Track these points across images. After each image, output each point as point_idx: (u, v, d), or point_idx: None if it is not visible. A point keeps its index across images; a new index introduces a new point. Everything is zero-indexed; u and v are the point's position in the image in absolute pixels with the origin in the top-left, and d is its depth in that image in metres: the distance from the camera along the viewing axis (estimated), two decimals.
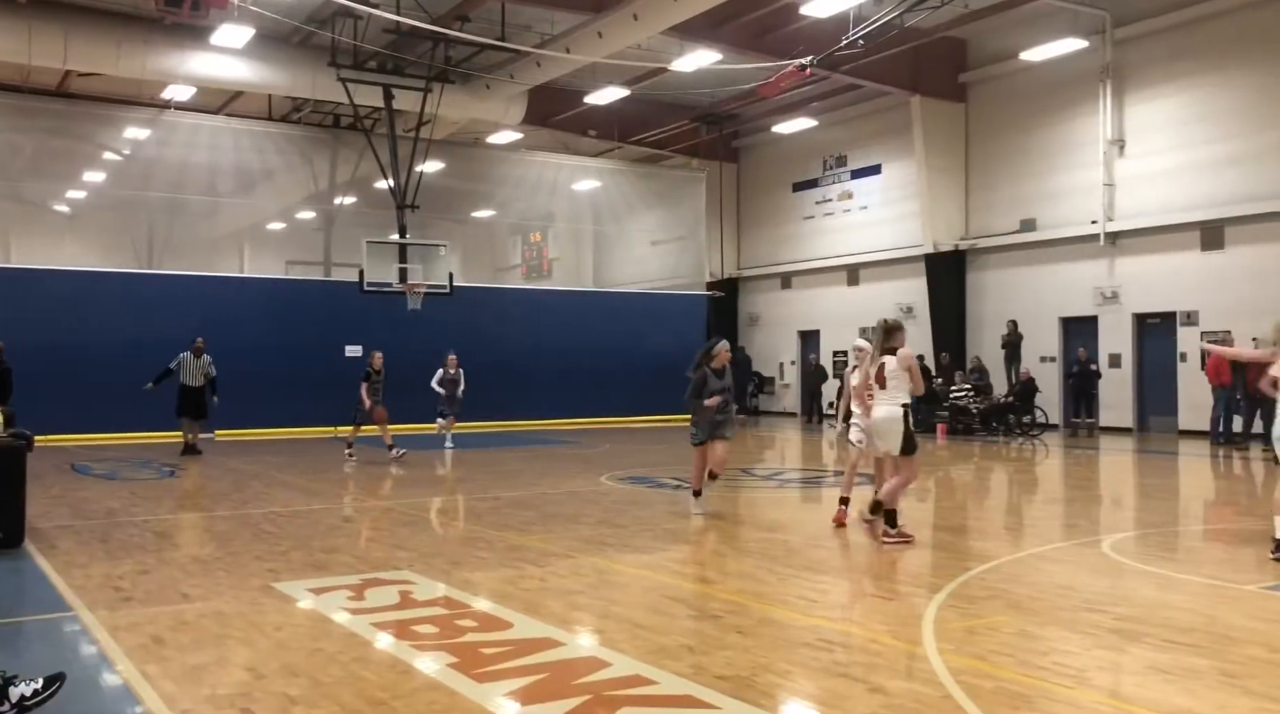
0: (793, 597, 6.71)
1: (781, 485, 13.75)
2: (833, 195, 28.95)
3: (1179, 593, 6.83)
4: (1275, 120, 18.87)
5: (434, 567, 7.62)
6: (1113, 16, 21.39)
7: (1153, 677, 4.94)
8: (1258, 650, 5.28)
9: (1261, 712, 4.37)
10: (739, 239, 32.31)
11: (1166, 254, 20.95)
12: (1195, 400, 19.85)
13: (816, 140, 28.80)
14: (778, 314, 30.81)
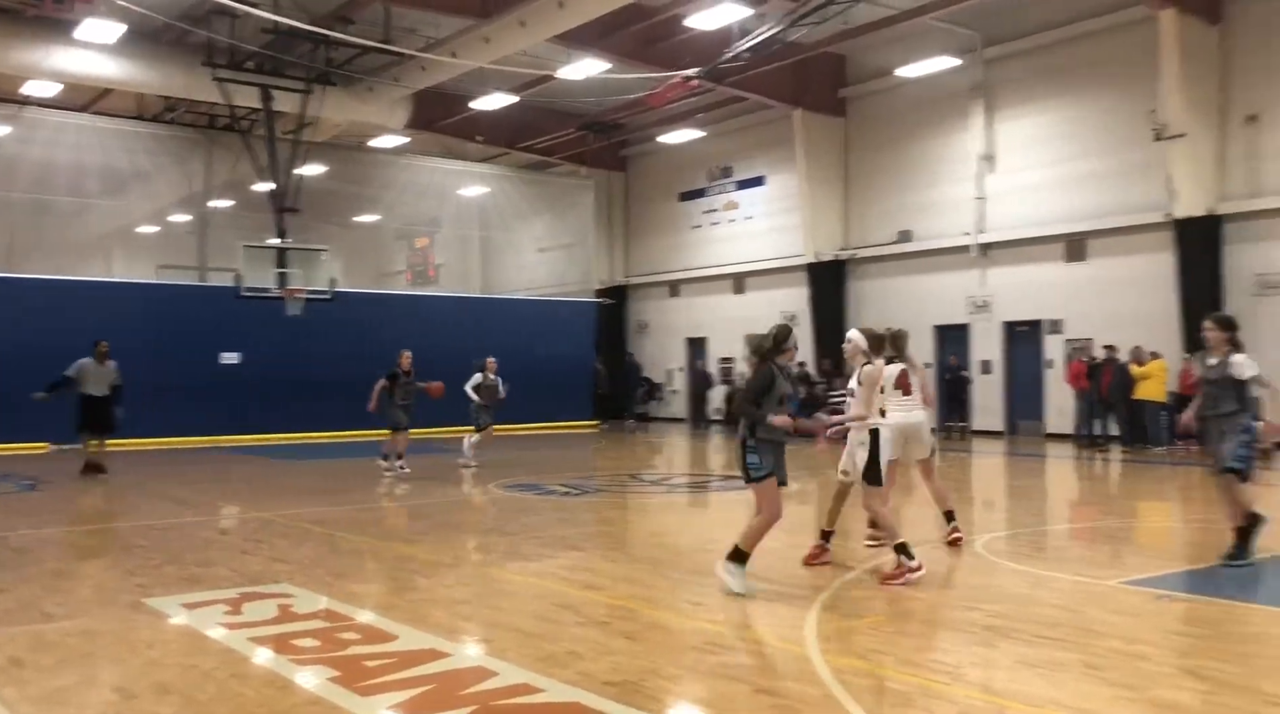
0: (681, 601, 6.77)
1: (670, 491, 13.87)
2: (719, 205, 29.38)
3: (1046, 590, 7.14)
4: (1131, 140, 19.93)
5: (315, 579, 7.43)
6: (983, 37, 22.29)
7: (1022, 671, 5.16)
8: (1117, 643, 5.56)
9: (1119, 699, 4.60)
10: (627, 247, 32.49)
11: (1033, 265, 21.91)
12: (1060, 405, 20.79)
13: (703, 151, 29.19)
14: (666, 321, 31.08)
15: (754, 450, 6.93)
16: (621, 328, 31.98)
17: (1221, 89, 19.07)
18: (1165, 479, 14.86)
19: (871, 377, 7.65)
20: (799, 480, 14.55)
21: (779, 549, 8.94)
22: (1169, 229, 19.32)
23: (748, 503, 12.29)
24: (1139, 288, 19.96)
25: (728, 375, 28.09)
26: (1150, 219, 19.61)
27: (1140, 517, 11.47)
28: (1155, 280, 19.61)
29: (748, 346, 7.30)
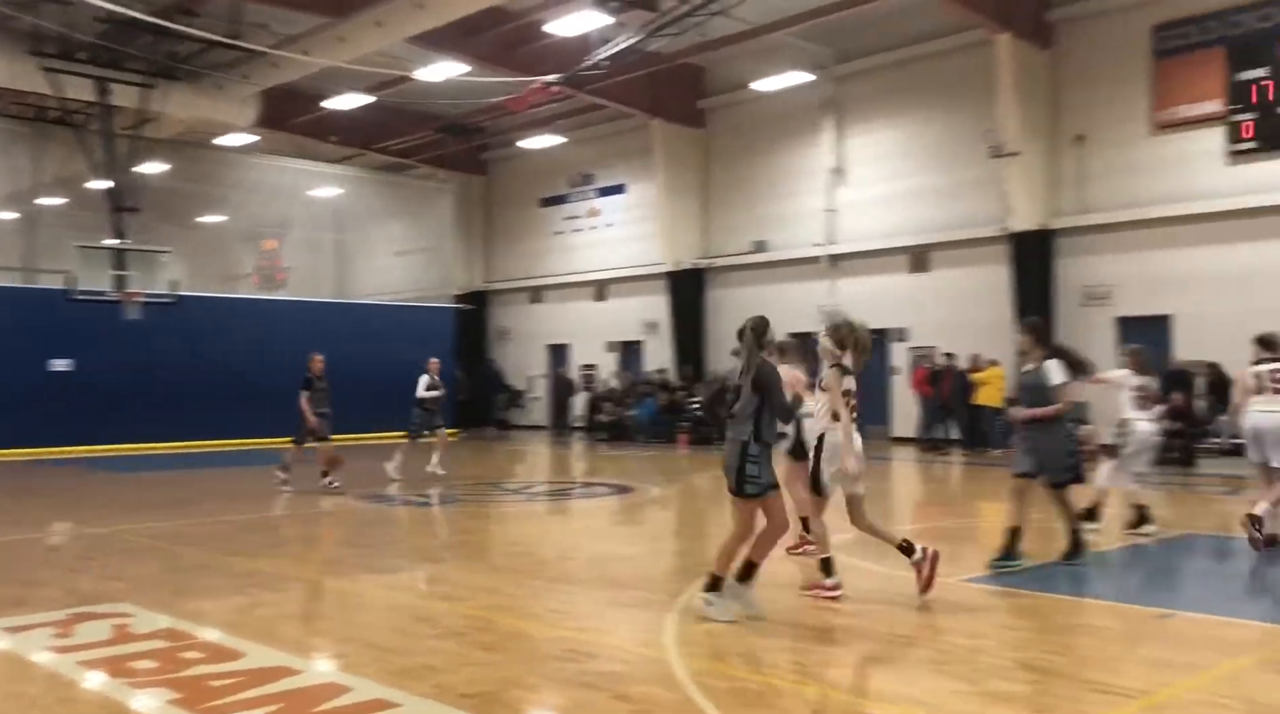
0: (540, 609, 6.74)
1: (530, 499, 13.79)
2: (580, 212, 29.43)
3: (894, 589, 7.41)
4: (971, 157, 20.93)
5: (155, 597, 7.07)
6: (834, 54, 23.05)
7: (871, 667, 5.34)
8: (959, 638, 5.82)
9: (959, 693, 4.82)
10: (487, 252, 32.22)
11: (880, 276, 22.75)
12: (905, 410, 21.65)
13: (564, 157, 29.19)
14: (527, 328, 30.93)
15: (755, 460, 6.24)
16: (482, 334, 31.66)
17: (1052, 110, 20.25)
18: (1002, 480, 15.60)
19: (834, 383, 6.95)
20: (659, 485, 14.71)
21: (639, 555, 9.02)
22: (1005, 242, 20.38)
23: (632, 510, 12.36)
24: (978, 298, 20.99)
25: (590, 382, 28.15)
26: (988, 233, 20.65)
27: (979, 516, 12.04)
28: (992, 291, 20.64)
29: (751, 335, 6.58)
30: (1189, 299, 18.32)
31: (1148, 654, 5.58)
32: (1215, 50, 18.28)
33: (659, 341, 27.02)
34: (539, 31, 20.93)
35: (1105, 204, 19.56)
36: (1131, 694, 4.77)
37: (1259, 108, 17.85)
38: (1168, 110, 18.86)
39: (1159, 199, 18.81)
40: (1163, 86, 18.90)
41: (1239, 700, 4.65)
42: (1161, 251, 18.77)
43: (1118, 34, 19.37)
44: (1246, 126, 18.00)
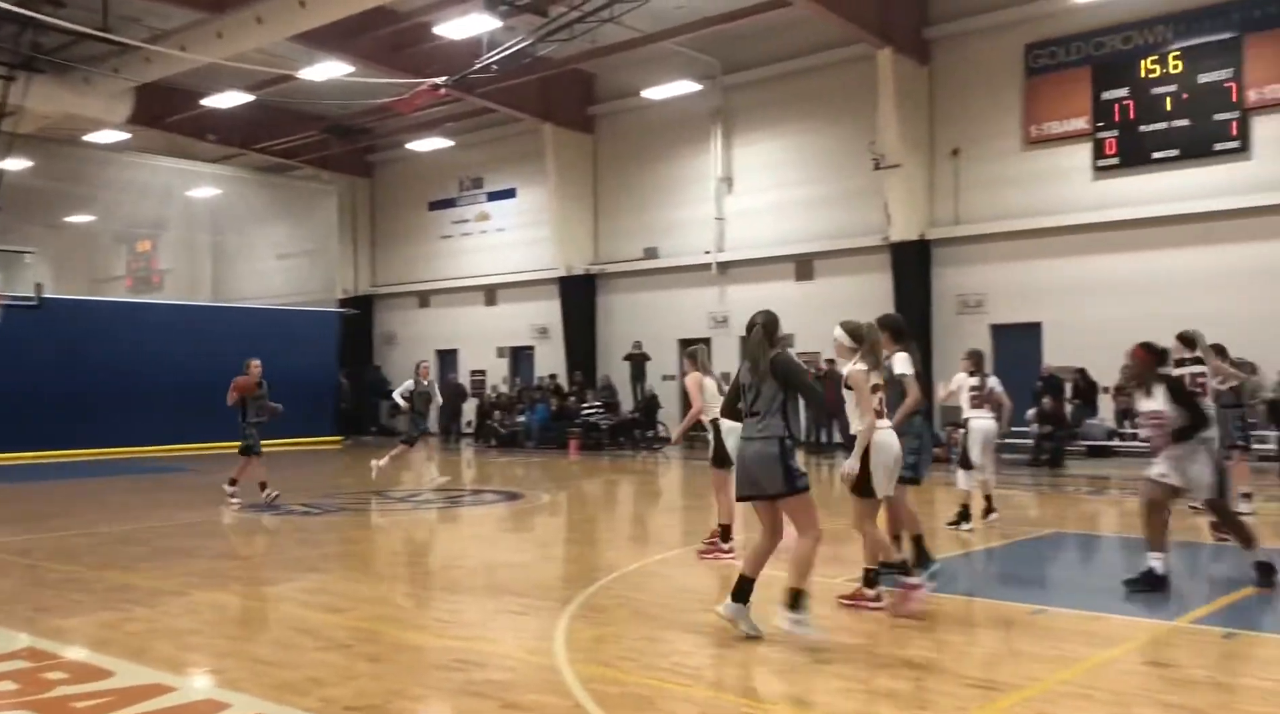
0: (428, 619, 6.64)
1: (417, 507, 13.56)
2: (470, 216, 29.15)
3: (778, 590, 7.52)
4: (853, 168, 21.49)
5: (14, 614, 6.70)
6: (722, 64, 23.38)
7: (759, 669, 5.41)
8: (845, 637, 5.95)
9: (846, 690, 4.92)
10: (374, 256, 31.62)
11: (767, 283, 23.14)
12: None
13: (453, 160, 28.88)
14: (415, 333, 30.44)
15: (791, 454, 5.85)
16: (368, 339, 31.04)
17: (930, 124, 20.95)
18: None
19: (860, 380, 6.59)
20: (549, 492, 14.65)
21: (528, 562, 8.96)
22: (886, 252, 20.98)
23: (521, 517, 12.25)
24: (861, 305, 21.31)
25: (479, 388, 27.87)
26: (870, 242, 21.23)
27: None
28: (875, 299, 21.16)
29: (761, 330, 6.22)
30: (1058, 307, 19.16)
31: (1022, 649, 5.80)
32: (1082, 70, 19.20)
33: (550, 347, 26.94)
34: (428, 33, 20.68)
35: (980, 216, 20.32)
36: (1006, 688, 4.95)
37: (1121, 126, 18.81)
38: (1039, 126, 19.72)
39: (1030, 212, 19.63)
40: (1034, 103, 19.75)
41: (1105, 692, 4.87)
42: (1032, 262, 19.60)
43: (992, 52, 20.16)
44: (1110, 143, 18.95)
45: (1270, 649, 5.74)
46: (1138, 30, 18.66)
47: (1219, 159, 17.83)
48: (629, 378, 24.51)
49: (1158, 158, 18.43)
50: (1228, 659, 5.48)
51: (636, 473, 18.13)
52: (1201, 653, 5.61)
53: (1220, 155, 17.82)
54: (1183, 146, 18.18)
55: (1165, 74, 18.38)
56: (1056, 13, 19.10)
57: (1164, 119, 18.38)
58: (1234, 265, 17.48)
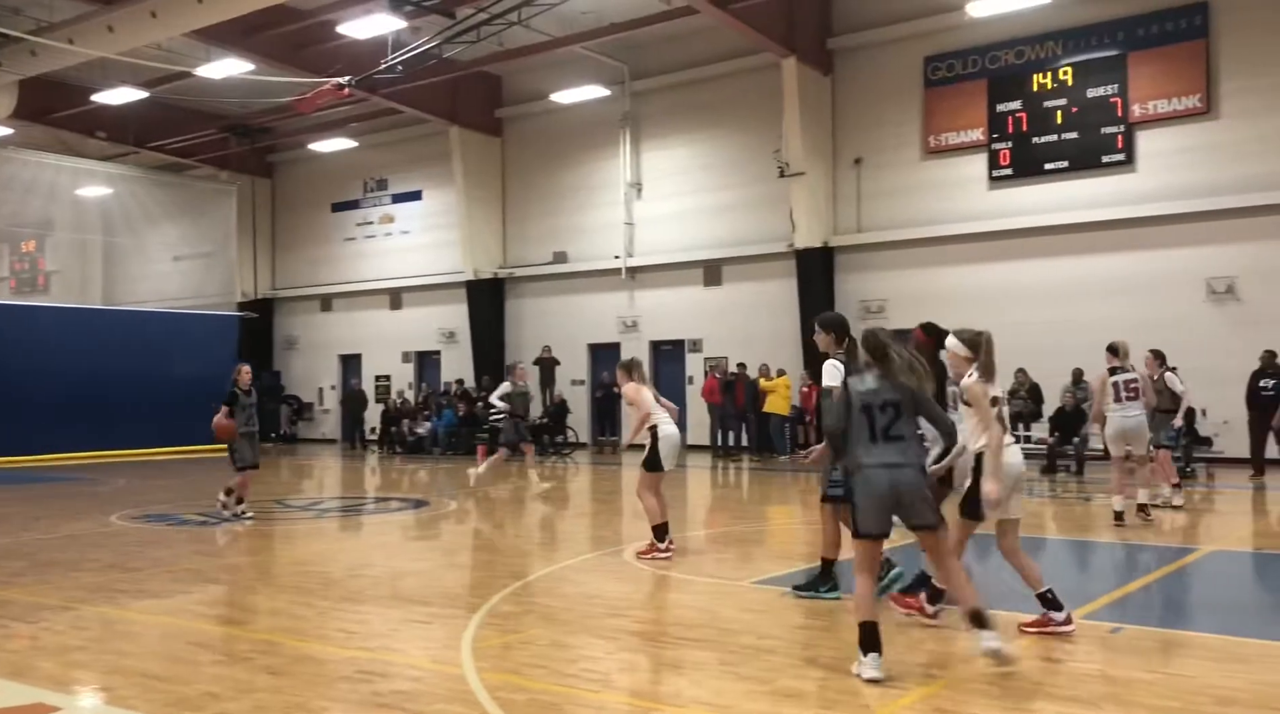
0: (331, 630, 6.49)
1: (320, 515, 13.27)
2: (374, 218, 28.70)
3: (687, 593, 7.59)
4: (759, 175, 21.80)
5: None
6: (630, 69, 23.49)
7: (666, 672, 5.44)
8: (750, 639, 6.01)
9: (751, 692, 4.97)
10: (274, 258, 30.89)
11: (676, 288, 23.32)
12: (699, 418, 22.24)
13: (357, 161, 28.39)
14: (317, 337, 29.83)
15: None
16: (268, 343, 30.30)
17: (834, 133, 21.37)
18: (789, 485, 16.30)
19: (979, 393, 5.82)
20: (456, 499, 14.48)
21: (433, 570, 8.84)
22: (791, 258, 21.32)
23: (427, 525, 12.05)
24: (767, 311, 21.84)
25: (384, 394, 27.42)
26: (776, 249, 21.55)
27: (767, 520, 12.50)
28: (781, 304, 21.54)
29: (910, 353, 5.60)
30: (955, 313, 19.56)
31: (924, 647, 5.94)
32: (978, 83, 19.82)
33: (458, 351, 26.67)
34: (331, 32, 20.31)
35: (881, 224, 20.80)
36: (907, 686, 5.06)
37: (1014, 138, 19.48)
38: (937, 137, 20.28)
39: (929, 220, 20.18)
40: (933, 115, 20.31)
41: (1001, 686, 5.02)
42: (932, 269, 20.14)
43: (892, 64, 20.67)
44: (1004, 154, 19.60)
45: (1152, 642, 5.99)
46: (1030, 45, 19.34)
47: (1106, 171, 18.59)
48: (538, 383, 24.40)
49: (1049, 169, 19.14)
50: (1116, 653, 5.70)
51: (545, 478, 18.05)
52: (1089, 647, 5.82)
53: (1107, 167, 18.58)
54: (1072, 158, 18.91)
55: (1056, 88, 19.10)
56: (954, 27, 19.67)
57: (1054, 132, 19.09)
58: (1120, 273, 18.24)
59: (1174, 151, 18.07)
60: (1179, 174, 17.96)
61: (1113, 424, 10.37)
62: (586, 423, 24.29)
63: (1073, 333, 17.60)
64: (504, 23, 18.43)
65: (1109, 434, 10.45)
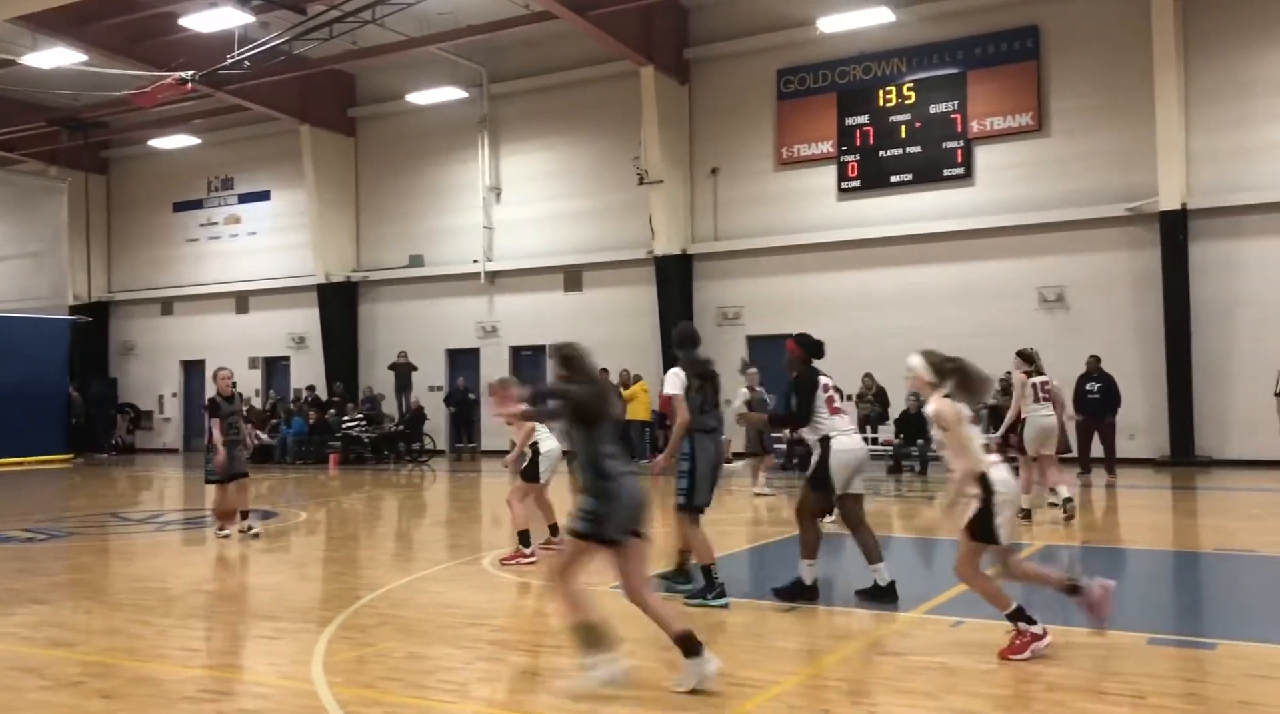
0: (171, 649, 6.20)
1: (160, 529, 12.65)
2: (219, 218, 27.59)
3: (545, 600, 7.55)
4: (618, 182, 21.95)
5: None
6: (488, 72, 23.30)
7: (524, 681, 5.41)
8: None
9: (612, 698, 4.98)
10: (110, 259, 29.32)
11: (537, 293, 23.24)
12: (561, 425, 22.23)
13: (201, 159, 27.24)
14: (157, 342, 28.44)
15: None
16: (103, 349, 28.72)
17: (691, 142, 21.71)
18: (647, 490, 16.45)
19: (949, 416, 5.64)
20: (306, 509, 14.04)
21: (282, 584, 8.56)
22: (651, 265, 21.54)
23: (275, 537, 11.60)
24: (627, 316, 22.00)
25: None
26: (635, 255, 21.74)
27: None
28: (640, 310, 21.73)
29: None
30: (808, 320, 20.18)
31: (774, 646, 6.08)
32: (828, 96, 20.47)
33: (308, 357, 25.87)
34: (173, 24, 19.45)
35: (737, 232, 21.24)
36: (762, 684, 5.18)
37: (862, 150, 20.20)
38: (789, 149, 20.85)
39: (783, 229, 20.72)
40: (785, 127, 20.87)
41: (848, 682, 5.19)
42: (785, 277, 20.68)
43: (747, 75, 21.15)
44: (852, 166, 20.31)
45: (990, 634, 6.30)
46: (876, 62, 20.10)
47: (947, 184, 19.49)
48: (393, 389, 23.90)
49: (895, 181, 19.92)
50: (956, 645, 5.96)
51: (400, 487, 17.69)
52: (931, 640, 6.08)
53: (948, 180, 19.48)
54: (916, 171, 19.74)
55: (900, 103, 19.91)
56: (805, 41, 20.27)
57: (900, 145, 19.90)
58: (959, 281, 19.14)
59: (1008, 167, 19.09)
60: (1013, 188, 18.98)
61: (1034, 425, 10.87)
62: (444, 430, 23.93)
63: (916, 339, 18.26)
64: (357, 21, 18.00)
65: (1029, 435, 10.91)
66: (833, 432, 7.00)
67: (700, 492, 7.00)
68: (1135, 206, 17.85)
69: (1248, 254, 17.30)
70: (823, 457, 6.96)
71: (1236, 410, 17.26)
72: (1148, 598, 7.55)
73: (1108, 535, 10.73)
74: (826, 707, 4.82)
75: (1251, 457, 16.99)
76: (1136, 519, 12.23)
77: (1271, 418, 16.57)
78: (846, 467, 6.96)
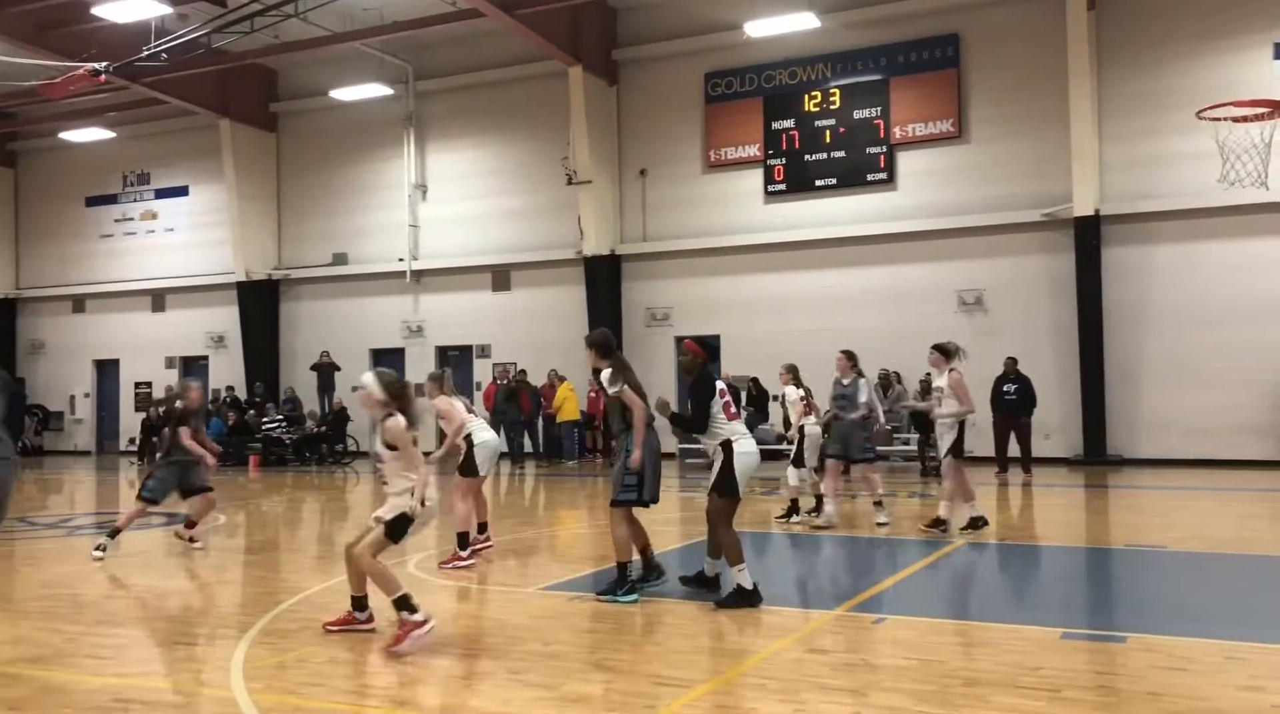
0: (81, 656, 6.00)
1: (71, 533, 12.23)
2: (135, 214, 26.83)
3: (473, 602, 7.50)
4: (548, 182, 21.89)
5: None
6: (414, 69, 23.04)
7: (450, 684, 5.35)
8: (536, 645, 6.00)
9: (538, 699, 4.97)
10: (17, 254, 28.32)
11: (464, 293, 23.05)
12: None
13: (116, 153, 26.46)
14: (68, 340, 27.54)
15: None
16: (10, 348, 27.72)
17: (619, 144, 21.74)
18: (577, 490, 16.42)
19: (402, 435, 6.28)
20: (224, 512, 13.73)
21: (201, 588, 8.35)
22: (580, 265, 21.51)
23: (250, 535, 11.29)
24: (556, 317, 21.94)
25: (145, 402, 25.62)
26: (565, 256, 21.70)
27: (556, 525, 12.53)
28: (570, 310, 21.69)
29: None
30: (735, 321, 20.47)
31: (702, 645, 6.11)
32: (755, 100, 20.68)
33: (228, 356, 25.30)
34: (84, 13, 18.86)
35: (666, 233, 21.33)
36: (689, 683, 5.20)
37: (788, 154, 20.44)
38: (717, 151, 21.01)
39: (710, 231, 20.87)
40: (713, 129, 21.02)
41: (776, 679, 5.24)
42: (713, 278, 20.84)
43: (675, 78, 21.25)
44: (778, 170, 20.54)
45: (911, 631, 6.42)
46: (802, 67, 20.36)
47: (871, 188, 19.82)
48: (315, 389, 23.48)
49: (820, 185, 20.20)
50: (878, 643, 6.06)
51: (321, 489, 17.39)
52: (856, 638, 6.17)
53: (872, 185, 19.82)
54: (840, 176, 20.04)
55: (826, 108, 20.19)
56: (732, 45, 20.44)
57: (824, 150, 20.18)
58: (882, 284, 19.48)
59: (930, 172, 19.49)
60: (934, 193, 19.38)
61: (811, 434, 11.22)
62: (366, 431, 23.56)
63: (840, 340, 18.51)
64: (279, 14, 17.62)
65: (808, 445, 11.15)
66: (733, 435, 7.08)
67: (649, 486, 7.17)
68: (1051, 212, 18.36)
69: (1158, 259, 17.91)
70: (726, 461, 6.98)
71: (1146, 411, 17.86)
72: (1061, 594, 7.77)
73: (1024, 533, 11.01)
74: (754, 704, 4.86)
75: (1160, 456, 17.61)
76: (1051, 516, 12.57)
77: (1180, 419, 17.24)
78: (750, 469, 7.06)
